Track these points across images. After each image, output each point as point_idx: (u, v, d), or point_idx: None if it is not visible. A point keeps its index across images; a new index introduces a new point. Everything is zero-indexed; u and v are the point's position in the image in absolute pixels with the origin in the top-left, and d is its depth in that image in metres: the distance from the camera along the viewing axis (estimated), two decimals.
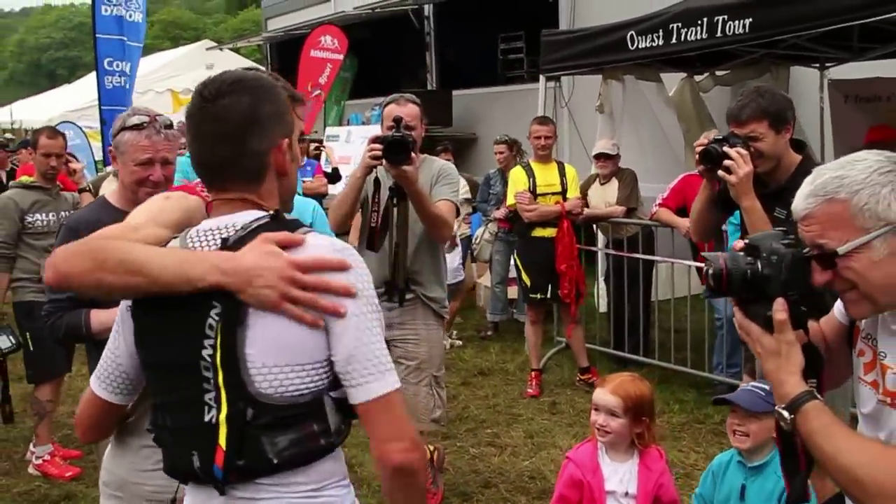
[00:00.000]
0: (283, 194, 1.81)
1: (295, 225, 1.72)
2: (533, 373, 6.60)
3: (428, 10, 12.67)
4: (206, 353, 1.63)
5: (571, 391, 6.49)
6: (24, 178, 5.62)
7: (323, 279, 1.62)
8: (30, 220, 5.15)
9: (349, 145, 12.00)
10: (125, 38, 12.15)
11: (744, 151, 3.18)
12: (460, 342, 8.01)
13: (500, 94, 11.64)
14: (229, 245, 1.67)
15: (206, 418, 1.63)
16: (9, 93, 41.85)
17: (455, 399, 6.35)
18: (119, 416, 2.02)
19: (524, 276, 6.59)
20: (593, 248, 7.05)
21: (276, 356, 1.61)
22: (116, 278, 1.67)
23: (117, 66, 12.18)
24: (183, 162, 2.95)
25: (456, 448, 5.39)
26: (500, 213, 7.65)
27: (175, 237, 1.79)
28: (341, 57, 11.55)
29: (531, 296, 6.58)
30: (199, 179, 2.14)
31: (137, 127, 2.87)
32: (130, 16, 12.29)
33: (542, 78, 7.66)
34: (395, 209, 4.05)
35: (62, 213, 5.24)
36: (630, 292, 6.78)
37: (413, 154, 3.81)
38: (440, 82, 12.82)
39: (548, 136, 6.56)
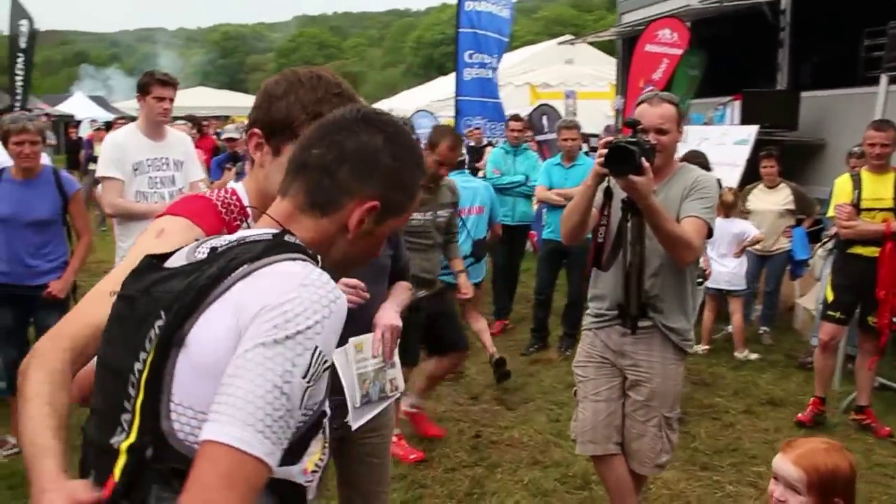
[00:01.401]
0: (333, 253, 1.56)
1: (287, 249, 1.44)
2: (813, 399, 5.88)
3: (784, 2, 11.67)
4: (137, 366, 1.41)
5: (873, 440, 5.63)
6: None
7: None
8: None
9: (685, 146, 11.49)
10: (486, 32, 12.73)
11: None
12: (755, 355, 7.31)
13: (857, 97, 10.38)
14: (216, 254, 1.47)
15: (113, 440, 1.41)
16: (403, 85, 45.82)
17: (730, 427, 5.81)
18: None
19: (828, 292, 5.84)
20: None
21: (203, 393, 1.35)
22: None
23: (477, 58, 12.82)
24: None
25: (711, 482, 4.91)
26: (831, 230, 6.84)
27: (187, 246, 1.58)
28: (680, 52, 11.01)
29: (829, 313, 5.82)
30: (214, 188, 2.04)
31: None
32: (500, 10, 12.85)
33: (883, 78, 6.70)
34: (629, 224, 3.58)
35: (440, 211, 5.14)
36: None
37: (643, 162, 3.32)
38: (791, 82, 11.76)
39: (885, 143, 5.71)
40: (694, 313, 3.97)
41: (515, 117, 9.16)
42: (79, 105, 34.74)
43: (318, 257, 1.49)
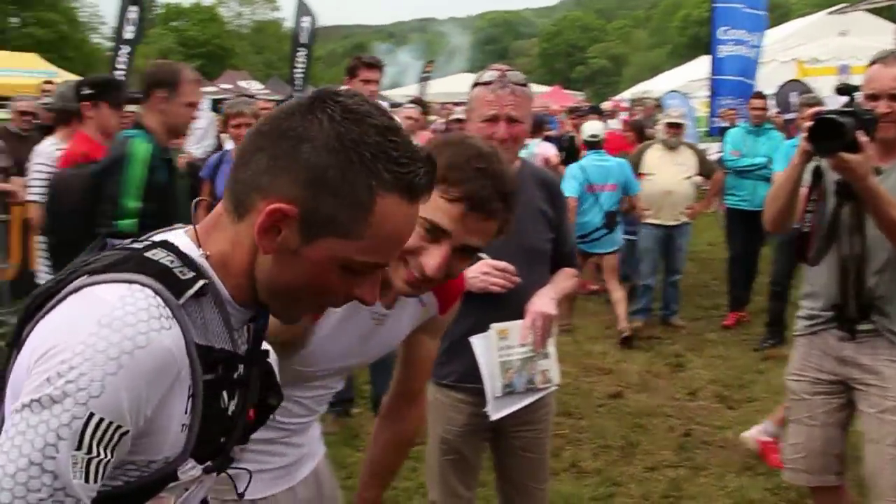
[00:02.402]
0: (259, 274, 1.19)
1: (133, 267, 1.13)
2: None
3: None
4: None
5: None
6: None
7: None
8: None
9: None
10: (743, 7, 12.02)
11: None
12: None
13: None
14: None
15: None
16: (667, 66, 44.49)
17: None
18: None
19: None
20: None
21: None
22: None
23: (733, 34, 12.13)
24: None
25: None
26: None
27: None
28: None
29: None
30: None
31: (487, 83, 2.81)
32: None
33: None
34: (844, 211, 3.04)
35: None
36: None
37: (860, 137, 2.76)
38: None
39: None
40: None
41: (758, 95, 8.49)
42: None
43: (198, 284, 1.16)
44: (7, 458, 1.01)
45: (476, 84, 2.85)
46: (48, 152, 4.83)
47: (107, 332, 1.05)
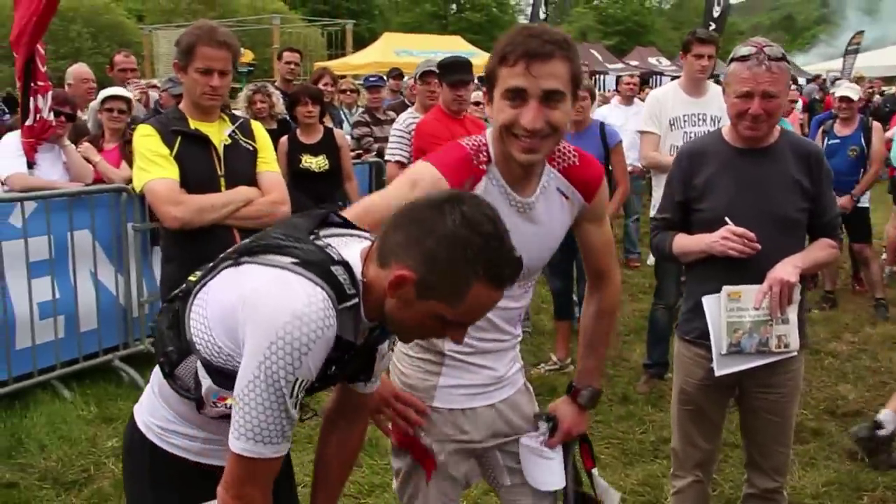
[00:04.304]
0: (386, 306, 1.74)
1: (324, 277, 1.69)
2: None
3: None
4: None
5: None
6: None
7: None
8: None
9: None
10: None
11: None
12: None
13: None
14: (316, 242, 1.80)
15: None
16: None
17: None
18: None
19: None
20: None
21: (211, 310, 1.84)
22: None
23: None
24: None
25: None
26: None
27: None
28: None
29: None
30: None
31: (744, 58, 2.89)
32: None
33: None
34: None
35: None
36: None
37: None
38: None
39: None
40: None
41: None
42: None
43: (352, 301, 1.72)
44: (258, 411, 1.66)
45: (732, 59, 2.96)
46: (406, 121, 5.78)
47: (299, 324, 1.61)
